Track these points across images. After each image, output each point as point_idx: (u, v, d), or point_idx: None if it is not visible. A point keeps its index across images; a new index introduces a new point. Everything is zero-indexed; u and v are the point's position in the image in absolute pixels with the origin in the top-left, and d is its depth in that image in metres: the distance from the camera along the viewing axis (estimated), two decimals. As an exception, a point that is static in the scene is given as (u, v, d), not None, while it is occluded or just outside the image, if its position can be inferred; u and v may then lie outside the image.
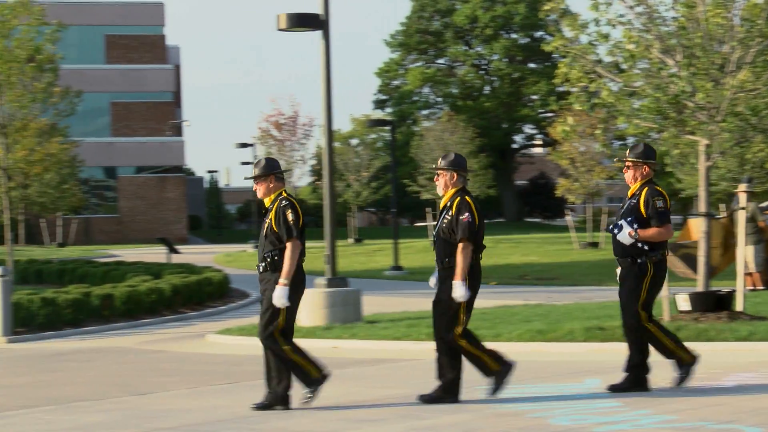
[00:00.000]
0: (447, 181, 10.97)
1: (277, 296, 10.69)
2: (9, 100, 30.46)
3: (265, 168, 10.89)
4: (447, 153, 11.28)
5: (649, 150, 11.30)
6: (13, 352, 19.10)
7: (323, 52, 20.45)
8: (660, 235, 11.01)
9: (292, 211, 10.68)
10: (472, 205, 10.81)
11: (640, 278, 11.02)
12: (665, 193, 11.18)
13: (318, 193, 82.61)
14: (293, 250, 10.61)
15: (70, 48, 63.90)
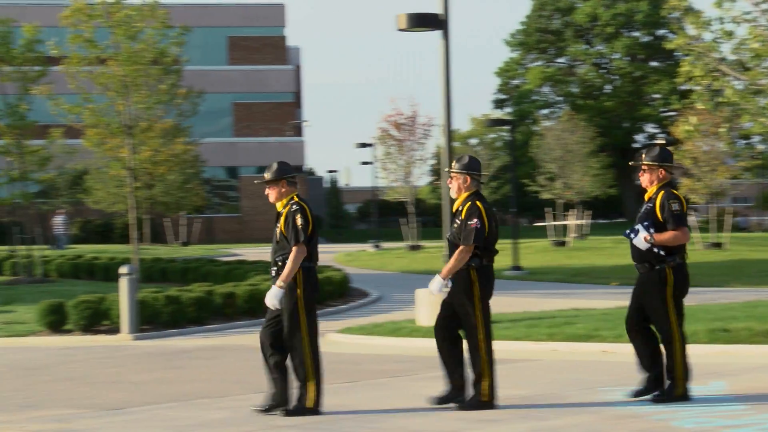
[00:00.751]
0: (460, 185, 10.89)
1: (270, 295, 10.64)
2: (135, 102, 31.01)
3: (276, 172, 10.91)
4: (461, 156, 11.12)
5: (665, 153, 11.07)
6: (138, 349, 19.43)
7: (443, 52, 20.44)
8: (676, 239, 10.77)
9: (302, 215, 10.65)
10: (482, 210, 10.75)
11: (662, 289, 10.80)
12: (682, 197, 10.93)
13: (437, 193, 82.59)
14: (297, 254, 10.58)
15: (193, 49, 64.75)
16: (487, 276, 10.82)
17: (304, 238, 10.58)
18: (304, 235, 10.58)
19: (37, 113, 36.41)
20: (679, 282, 10.84)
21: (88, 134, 31.61)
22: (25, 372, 16.34)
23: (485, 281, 10.80)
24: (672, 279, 10.79)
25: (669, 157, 11.05)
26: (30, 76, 35.28)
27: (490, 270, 10.87)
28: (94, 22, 30.69)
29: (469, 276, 10.76)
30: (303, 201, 10.82)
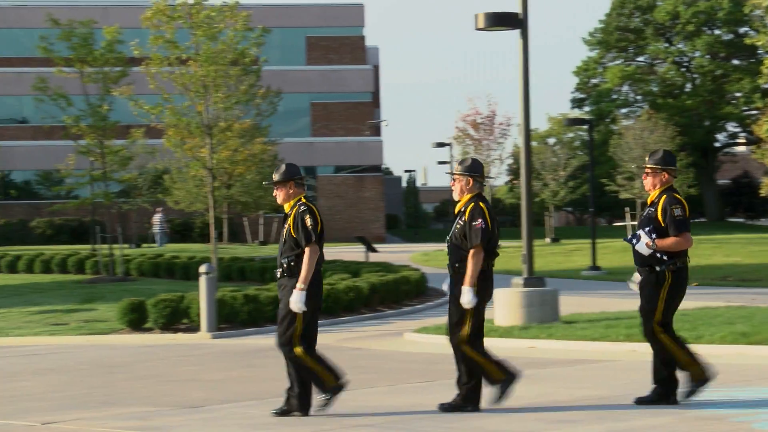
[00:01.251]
0: (463, 187, 10.87)
1: (294, 301, 10.60)
2: (214, 102, 31.25)
3: (285, 174, 10.88)
4: (464, 158, 11.13)
5: (668, 156, 10.99)
6: (216, 347, 19.58)
7: (521, 51, 20.36)
8: (678, 245, 10.70)
9: (311, 216, 10.64)
10: (485, 211, 10.70)
11: (657, 287, 10.77)
12: (684, 201, 10.87)
13: (515, 193, 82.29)
14: (311, 255, 10.56)
15: (272, 50, 65.19)
16: (487, 279, 10.84)
17: (315, 238, 10.59)
18: (315, 235, 10.59)
19: (119, 113, 36.85)
20: (676, 285, 10.81)
21: (168, 134, 31.92)
22: (105, 370, 16.53)
23: (485, 284, 10.82)
24: (670, 281, 10.76)
25: (672, 161, 10.98)
26: (111, 77, 35.71)
27: (490, 273, 10.88)
28: (175, 23, 30.97)
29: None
30: (311, 202, 10.87)
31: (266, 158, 50.77)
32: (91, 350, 19.75)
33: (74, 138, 36.77)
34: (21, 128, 71.45)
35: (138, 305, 22.24)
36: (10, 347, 21.07)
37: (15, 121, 72.03)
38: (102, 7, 68.69)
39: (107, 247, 38.13)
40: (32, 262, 40.72)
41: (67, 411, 12.05)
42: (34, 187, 71.21)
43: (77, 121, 35.87)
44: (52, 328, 23.64)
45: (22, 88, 64.16)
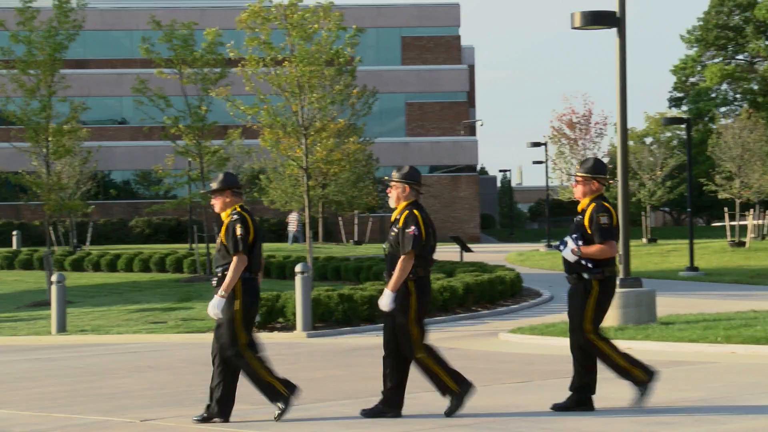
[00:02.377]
0: (399, 194, 10.80)
1: (211, 305, 10.63)
2: (309, 102, 31.42)
3: (222, 182, 10.86)
4: (402, 166, 11.06)
5: (599, 165, 10.95)
6: (312, 346, 19.69)
7: (618, 50, 20.20)
8: (602, 253, 10.66)
9: (242, 225, 10.61)
10: (419, 219, 10.59)
11: (585, 296, 10.74)
12: (612, 210, 10.78)
13: (611, 192, 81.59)
14: (237, 264, 10.53)
15: (367, 50, 65.49)
16: (424, 287, 10.69)
17: (243, 247, 10.55)
18: (243, 245, 10.55)
19: (216, 114, 37.23)
20: (604, 294, 10.77)
21: (264, 134, 32.17)
22: (202, 367, 16.69)
23: (422, 293, 10.65)
24: (597, 291, 10.73)
25: (602, 170, 10.93)
26: (210, 78, 36.08)
27: (426, 281, 10.74)
28: (270, 25, 31.20)
29: (406, 287, 10.60)
30: (246, 211, 10.80)
31: (361, 158, 50.95)
32: (189, 348, 19.98)
33: (173, 138, 37.24)
34: (121, 129, 72.50)
35: (235, 304, 22.42)
36: (110, 345, 21.41)
37: (115, 121, 73.10)
38: (200, 9, 69.44)
39: (204, 247, 38.55)
40: (131, 261, 41.33)
41: (165, 408, 12.21)
42: (134, 187, 72.23)
43: (176, 121, 36.31)
44: (151, 326, 23.97)
45: (122, 89, 65.18)
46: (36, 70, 33.50)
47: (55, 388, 14.43)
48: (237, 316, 10.63)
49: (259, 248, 10.79)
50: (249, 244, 10.59)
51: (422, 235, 10.54)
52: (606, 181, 10.95)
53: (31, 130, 33.85)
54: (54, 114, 34.26)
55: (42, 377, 15.68)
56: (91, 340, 22.41)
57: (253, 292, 10.71)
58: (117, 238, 63.39)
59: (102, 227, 63.62)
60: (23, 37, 33.63)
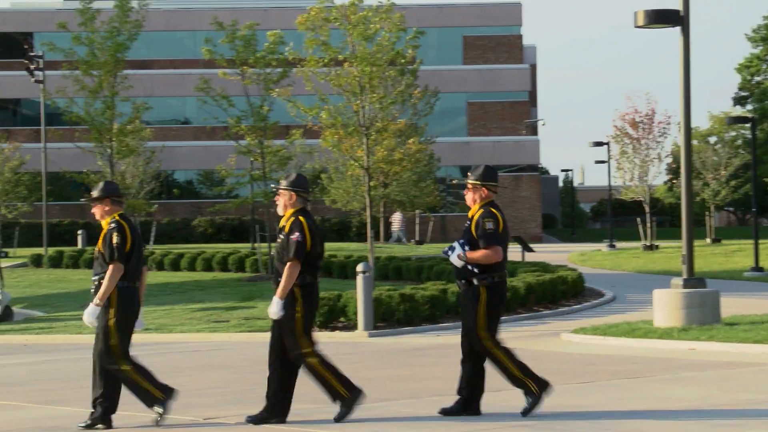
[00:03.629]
0: (286, 202, 10.86)
1: (87, 312, 10.66)
2: (370, 102, 31.45)
3: (101, 191, 10.91)
4: (289, 173, 11.13)
5: (488, 172, 11.04)
6: (373, 346, 19.71)
7: (682, 49, 20.03)
8: (487, 258, 10.69)
9: (119, 234, 10.63)
10: (304, 225, 10.66)
11: (475, 303, 10.78)
12: (499, 216, 10.83)
13: (674, 192, 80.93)
14: (113, 272, 10.56)
15: (429, 49, 65.41)
16: (311, 293, 10.77)
17: (118, 256, 10.57)
18: (119, 254, 10.58)
19: (278, 114, 37.37)
20: (493, 300, 10.79)
21: (325, 134, 32.25)
22: (265, 366, 16.75)
23: (309, 298, 10.72)
24: (485, 297, 10.76)
25: (492, 177, 11.02)
26: (272, 78, 36.22)
27: (314, 287, 10.82)
28: (331, 25, 31.26)
29: (293, 293, 10.67)
30: (124, 220, 10.82)
31: (422, 158, 50.88)
32: (251, 347, 20.06)
33: (235, 138, 37.42)
34: (184, 129, 73.02)
35: (297, 303, 22.49)
36: (174, 343, 21.56)
37: (178, 122, 73.63)
38: (263, 9, 69.74)
39: (266, 246, 38.70)
40: (194, 260, 41.59)
41: (227, 407, 12.28)
42: (196, 186, 72.70)
43: (238, 121, 36.50)
44: (214, 325, 24.11)
45: (185, 89, 65.65)
46: (98, 71, 33.81)
47: (119, 386, 14.54)
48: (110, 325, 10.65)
49: (138, 257, 10.79)
50: (126, 253, 10.62)
51: (307, 241, 10.60)
52: (496, 188, 11.04)
53: (95, 131, 34.19)
54: (117, 114, 34.57)
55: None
56: (154, 339, 22.57)
57: (129, 301, 10.70)
58: (180, 237, 63.85)
59: (165, 227, 64.08)
60: (85, 38, 33.94)
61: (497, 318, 10.90)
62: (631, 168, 54.51)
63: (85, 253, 45.79)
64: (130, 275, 10.66)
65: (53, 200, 63.14)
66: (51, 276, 39.84)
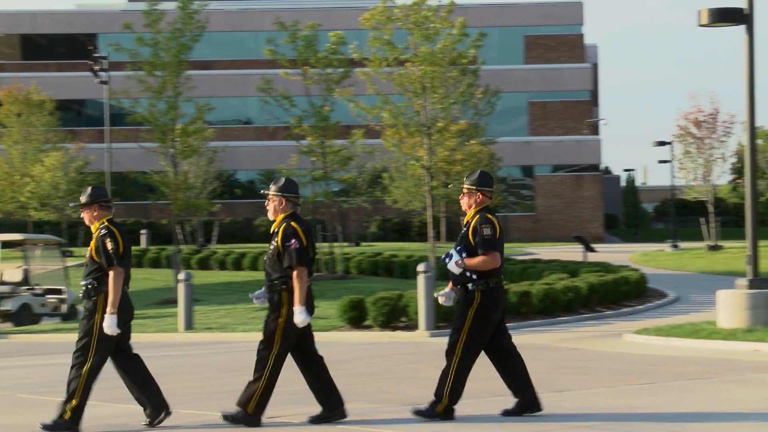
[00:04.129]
0: (276, 207, 10.86)
1: (107, 326, 10.54)
2: (432, 102, 31.45)
3: (89, 196, 10.88)
4: (278, 178, 11.07)
5: (484, 177, 11.00)
6: (434, 345, 19.66)
7: (746, 47, 19.83)
8: (485, 264, 10.68)
9: (111, 239, 10.61)
10: (299, 231, 10.65)
11: (467, 306, 10.76)
12: (496, 222, 10.80)
13: (739, 192, 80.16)
14: (116, 277, 10.54)
15: (490, 49, 65.21)
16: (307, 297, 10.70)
17: (117, 260, 10.57)
18: (116, 258, 10.58)
19: (339, 114, 37.46)
20: (486, 304, 10.75)
21: (386, 134, 32.28)
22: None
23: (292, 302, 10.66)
24: (479, 301, 10.74)
25: (487, 182, 10.98)
26: (333, 78, 36.31)
27: (309, 291, 10.77)
28: (394, 25, 31.29)
29: (281, 297, 10.72)
30: (114, 224, 10.80)
31: (483, 157, 50.75)
32: (312, 346, 20.10)
33: (296, 138, 37.56)
34: (245, 129, 73.39)
35: (358, 303, 22.56)
36: (236, 342, 21.68)
37: (240, 122, 74.03)
38: (325, 10, 69.93)
39: (327, 246, 38.77)
40: (256, 259, 41.79)
41: (288, 406, 12.31)
42: (258, 186, 73.06)
43: (300, 121, 36.62)
44: (275, 324, 24.18)
45: (247, 89, 65.96)
46: (162, 71, 34.08)
47: (181, 385, 14.66)
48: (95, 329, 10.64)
49: (128, 261, 10.77)
50: (120, 256, 10.61)
51: (303, 245, 10.62)
52: (491, 193, 11.02)
53: (158, 131, 34.44)
54: (180, 114, 34.82)
55: (169, 374, 15.92)
56: (217, 338, 22.72)
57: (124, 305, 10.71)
58: (242, 237, 64.19)
59: (227, 226, 64.46)
60: (149, 40, 34.23)
61: (488, 322, 10.83)
62: (695, 168, 54.13)
63: (148, 252, 46.19)
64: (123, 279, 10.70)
65: (117, 200, 63.71)
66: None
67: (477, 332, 10.79)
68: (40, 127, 57.42)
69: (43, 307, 29.92)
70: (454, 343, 10.90)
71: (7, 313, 29.20)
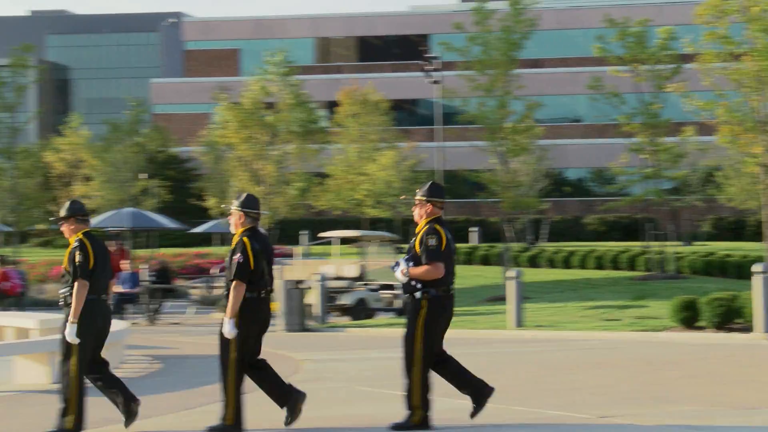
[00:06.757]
0: (236, 221, 11.09)
1: (67, 333, 10.94)
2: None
3: (67, 210, 11.27)
4: (239, 193, 11.36)
5: (434, 189, 11.20)
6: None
7: None
8: (427, 273, 10.82)
9: (81, 252, 10.97)
10: (248, 246, 10.84)
11: (415, 315, 10.89)
12: (443, 232, 10.95)
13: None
14: (79, 290, 10.88)
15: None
16: (252, 309, 10.85)
17: (81, 273, 10.92)
18: (82, 271, 10.93)
19: (670, 111, 36.82)
20: (433, 313, 10.86)
21: (721, 131, 31.48)
22: (656, 366, 16.60)
23: (251, 314, 10.82)
24: (426, 309, 10.86)
25: (438, 193, 11.17)
26: (664, 75, 35.73)
27: (258, 303, 10.90)
28: (729, 18, 30.49)
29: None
30: (88, 238, 11.14)
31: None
32: (643, 346, 19.90)
33: (626, 136, 37.18)
34: (574, 127, 73.17)
35: (690, 303, 22.12)
36: (566, 340, 21.70)
37: (568, 119, 73.87)
38: (657, 6, 68.83)
39: (658, 245, 38.20)
40: (585, 258, 41.65)
41: (619, 405, 12.24)
42: (587, 184, 72.66)
43: (629, 119, 36.24)
44: (606, 323, 24.07)
45: (576, 87, 65.76)
46: (492, 70, 34.46)
47: (510, 381, 14.80)
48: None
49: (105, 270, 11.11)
50: (90, 270, 10.98)
51: (249, 261, 10.81)
52: (442, 203, 11.18)
53: (488, 129, 34.85)
54: (510, 113, 35.12)
55: (498, 370, 16.12)
56: (546, 336, 22.80)
57: (95, 314, 11.02)
58: (571, 235, 64.03)
59: (556, 224, 64.45)
60: (480, 38, 34.69)
61: (436, 330, 10.96)
62: None
63: (478, 249, 46.82)
64: (95, 289, 11.06)
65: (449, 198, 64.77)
66: (446, 272, 40.96)
67: (428, 338, 10.90)
68: (375, 127, 59.09)
69: (378, 302, 30.81)
70: (411, 357, 10.96)
71: (344, 308, 30.22)
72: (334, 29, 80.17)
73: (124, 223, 32.63)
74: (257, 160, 43.83)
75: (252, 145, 43.91)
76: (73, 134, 63.70)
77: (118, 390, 11.18)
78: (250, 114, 44.05)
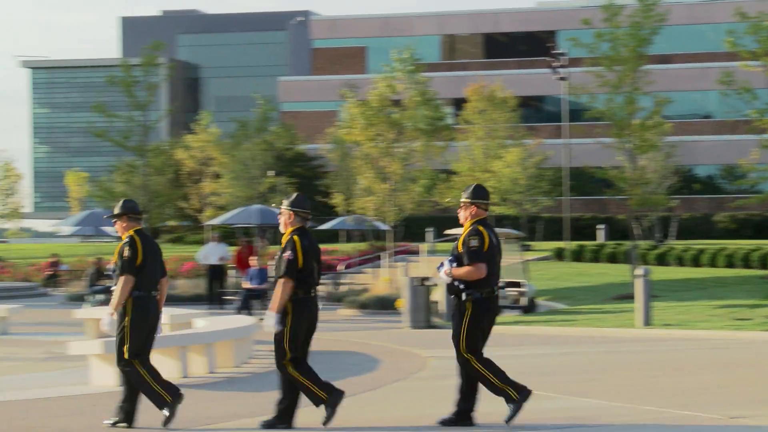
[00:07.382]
0: (286, 221, 11.28)
1: (102, 323, 11.36)
2: None
3: (120, 209, 11.63)
4: (290, 194, 11.47)
5: (478, 191, 11.34)
6: None
7: None
8: (469, 274, 10.97)
9: (130, 248, 11.34)
10: (297, 244, 11.04)
11: (460, 317, 11.06)
12: (486, 234, 11.07)
13: None
14: (123, 284, 11.22)
15: None
16: (302, 308, 11.02)
17: (129, 269, 11.25)
18: (129, 267, 11.26)
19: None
20: (477, 315, 11.00)
21: None
22: (790, 367, 16.28)
23: (299, 313, 10.99)
24: (470, 311, 11.01)
25: (482, 195, 11.31)
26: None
27: (307, 302, 11.07)
28: None
29: (285, 307, 11.00)
30: (139, 235, 11.47)
31: None
32: (775, 347, 19.54)
33: (758, 132, 36.51)
34: (704, 123, 72.05)
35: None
36: (695, 339, 21.40)
37: (698, 116, 72.78)
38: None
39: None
40: (715, 256, 41.04)
41: (751, 406, 12.05)
42: (717, 181, 71.51)
43: (762, 114, 35.59)
44: (736, 322, 23.67)
45: (706, 83, 64.73)
46: (620, 66, 34.12)
47: (637, 380, 14.66)
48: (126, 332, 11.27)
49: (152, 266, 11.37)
50: (138, 266, 11.30)
51: (298, 259, 11.00)
52: (486, 206, 11.32)
53: (615, 126, 34.51)
54: (638, 109, 34.73)
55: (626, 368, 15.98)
56: (674, 335, 22.50)
57: (144, 309, 11.31)
58: (700, 232, 63.11)
59: (685, 222, 63.58)
60: (608, 34, 34.37)
61: (481, 332, 11.11)
62: None
63: (605, 247, 46.37)
64: (144, 285, 11.34)
65: (575, 195, 64.32)
66: (572, 269, 40.67)
67: (475, 339, 11.05)
68: (501, 124, 58.91)
69: (504, 299, 30.74)
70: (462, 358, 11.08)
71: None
72: (460, 26, 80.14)
73: (252, 220, 33.04)
74: (383, 158, 44.02)
75: (378, 142, 44.10)
76: (202, 132, 64.63)
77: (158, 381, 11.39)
78: (377, 111, 44.19)
